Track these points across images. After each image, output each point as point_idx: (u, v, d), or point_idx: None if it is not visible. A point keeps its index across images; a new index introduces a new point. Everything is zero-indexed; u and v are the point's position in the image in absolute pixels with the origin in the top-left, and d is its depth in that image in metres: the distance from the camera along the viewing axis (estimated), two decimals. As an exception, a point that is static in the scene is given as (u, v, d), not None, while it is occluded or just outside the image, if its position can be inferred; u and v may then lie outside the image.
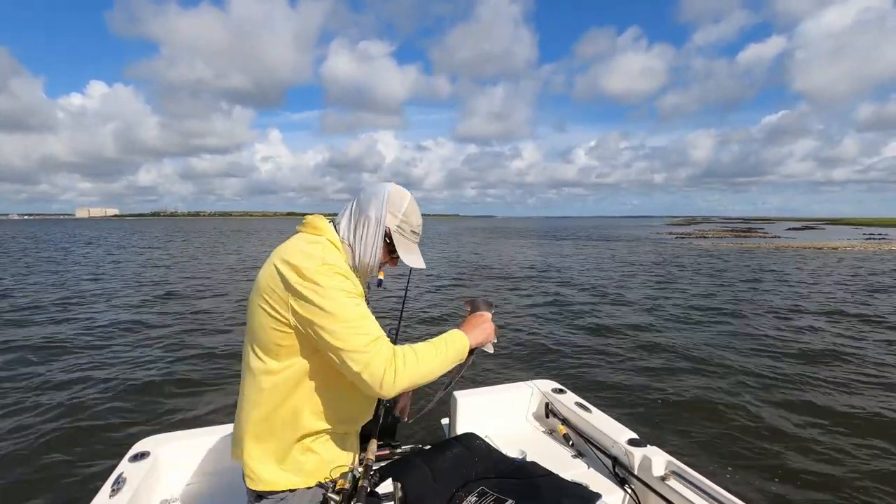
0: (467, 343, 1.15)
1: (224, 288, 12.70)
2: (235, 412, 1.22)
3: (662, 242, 34.72)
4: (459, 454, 1.40)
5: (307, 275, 1.01)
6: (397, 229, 1.17)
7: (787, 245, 30.21)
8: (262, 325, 1.07)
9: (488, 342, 1.23)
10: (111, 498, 1.53)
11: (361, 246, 1.15)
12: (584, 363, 6.05)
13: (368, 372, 0.99)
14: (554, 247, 30.50)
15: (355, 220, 1.16)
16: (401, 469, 1.33)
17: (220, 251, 26.87)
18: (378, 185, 1.20)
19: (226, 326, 8.08)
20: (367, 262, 1.17)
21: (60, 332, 7.55)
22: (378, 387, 1.00)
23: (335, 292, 1.02)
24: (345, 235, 1.16)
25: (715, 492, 1.57)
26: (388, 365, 1.00)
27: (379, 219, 1.15)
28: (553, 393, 2.40)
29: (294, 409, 1.11)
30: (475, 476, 1.32)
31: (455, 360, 1.13)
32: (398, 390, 1.02)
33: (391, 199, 1.17)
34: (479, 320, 1.23)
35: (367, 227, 1.15)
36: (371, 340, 1.01)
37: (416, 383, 1.05)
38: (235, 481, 1.87)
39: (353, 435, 1.29)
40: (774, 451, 3.77)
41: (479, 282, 13.98)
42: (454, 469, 1.33)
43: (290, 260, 1.04)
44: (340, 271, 1.05)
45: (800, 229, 67.06)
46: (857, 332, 7.68)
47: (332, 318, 1.00)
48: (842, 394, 4.96)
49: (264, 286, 1.07)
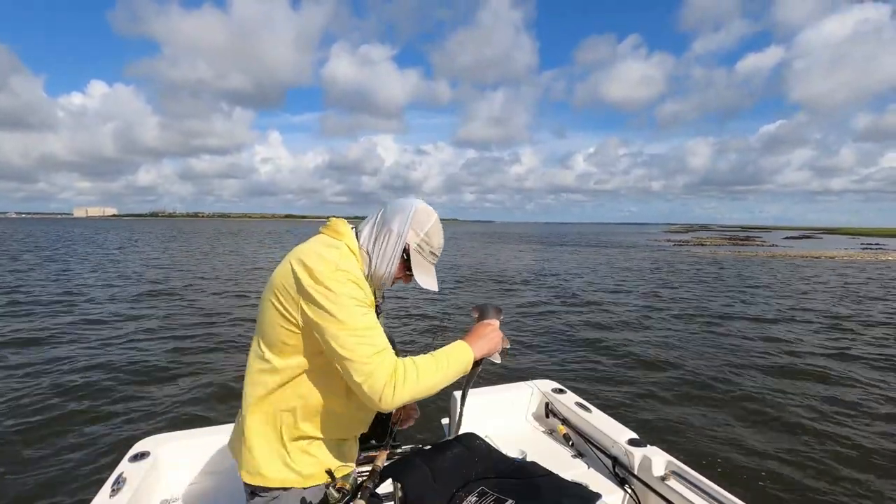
0: (472, 356, 1.14)
1: (225, 288, 12.69)
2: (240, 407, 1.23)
3: (661, 249, 34.80)
4: (459, 454, 1.40)
5: (320, 278, 1.02)
6: (417, 247, 1.16)
7: (785, 254, 30.30)
8: (272, 322, 1.08)
9: (495, 352, 1.21)
10: (111, 498, 1.53)
11: (379, 257, 1.14)
12: (585, 363, 6.08)
13: (369, 384, 0.99)
14: (553, 252, 30.54)
15: (377, 231, 1.15)
16: (401, 469, 1.32)
17: (221, 251, 26.81)
18: (406, 199, 1.19)
19: (227, 326, 8.07)
20: (382, 275, 1.15)
21: (59, 332, 7.52)
22: (377, 400, 1.00)
23: (345, 299, 1.02)
24: (365, 244, 1.15)
25: (715, 492, 1.57)
26: (388, 379, 1.00)
27: (401, 233, 1.14)
28: (553, 393, 2.40)
29: (295, 409, 1.12)
30: (475, 476, 1.32)
31: (459, 373, 1.12)
32: (397, 405, 1.01)
33: (416, 217, 1.16)
34: (486, 329, 1.21)
35: (387, 239, 1.14)
36: (375, 352, 1.01)
37: (417, 398, 1.04)
38: (236, 481, 1.87)
39: (353, 438, 1.29)
40: (775, 451, 3.79)
41: (480, 284, 13.98)
42: (454, 469, 1.33)
43: (306, 261, 1.04)
44: (353, 278, 1.05)
45: (797, 238, 67.24)
46: (860, 339, 7.69)
47: (340, 325, 1.01)
48: (843, 397, 4.97)
49: (278, 284, 1.07)
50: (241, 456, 1.16)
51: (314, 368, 1.10)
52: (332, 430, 1.17)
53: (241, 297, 11.16)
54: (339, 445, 1.21)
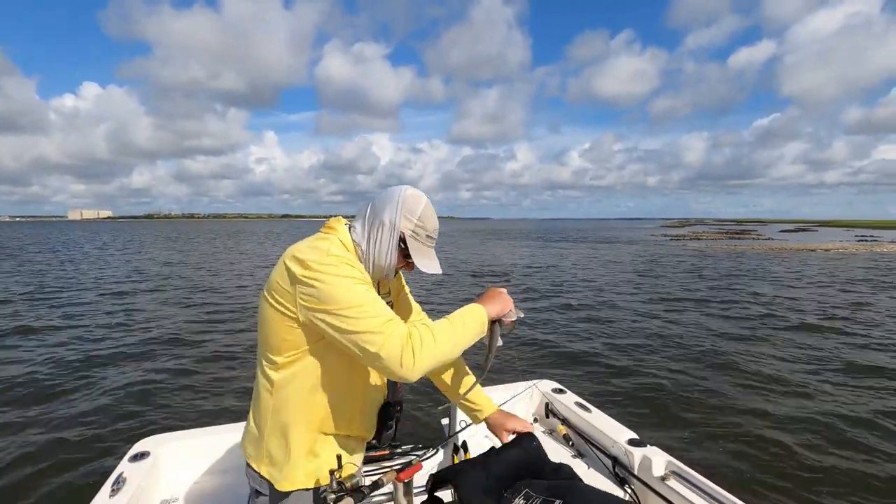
0: (484, 312, 1.13)
1: (225, 288, 12.68)
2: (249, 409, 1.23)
3: (658, 244, 34.90)
4: (515, 455, 1.40)
5: (313, 265, 1.01)
6: (412, 234, 1.14)
7: (781, 247, 30.45)
8: (270, 322, 1.08)
9: (507, 311, 1.20)
10: (111, 498, 1.53)
11: (376, 251, 1.13)
12: (584, 363, 6.07)
13: (385, 351, 0.96)
14: (551, 248, 30.59)
15: (370, 224, 1.15)
16: (456, 471, 1.33)
17: (220, 252, 26.74)
18: (394, 188, 1.18)
19: (227, 327, 8.06)
20: (383, 267, 1.15)
21: (58, 332, 7.50)
22: (398, 367, 0.97)
23: (342, 279, 1.01)
24: (359, 239, 1.15)
25: (715, 492, 1.57)
26: (405, 343, 0.97)
27: (393, 223, 1.13)
28: (553, 393, 2.40)
29: (300, 406, 1.12)
30: (523, 477, 1.33)
31: (477, 332, 1.12)
32: (421, 369, 0.98)
33: (406, 203, 1.14)
34: (494, 292, 1.22)
35: (381, 231, 1.13)
36: (385, 321, 0.99)
37: (440, 360, 1.02)
38: (236, 481, 1.87)
39: (358, 437, 1.29)
40: (776, 451, 3.78)
41: (479, 282, 14.02)
42: (508, 471, 1.34)
43: (297, 255, 1.04)
44: (346, 261, 1.05)
45: (793, 231, 67.62)
46: (864, 332, 7.70)
47: (343, 302, 0.99)
48: (846, 396, 4.95)
49: (273, 283, 1.08)
50: (249, 456, 1.17)
51: (317, 362, 1.10)
52: (338, 428, 1.17)
53: (244, 297, 11.15)
54: (344, 445, 1.21)
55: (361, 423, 1.25)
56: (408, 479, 1.35)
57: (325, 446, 1.16)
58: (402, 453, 2.04)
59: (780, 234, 57.72)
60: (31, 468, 3.50)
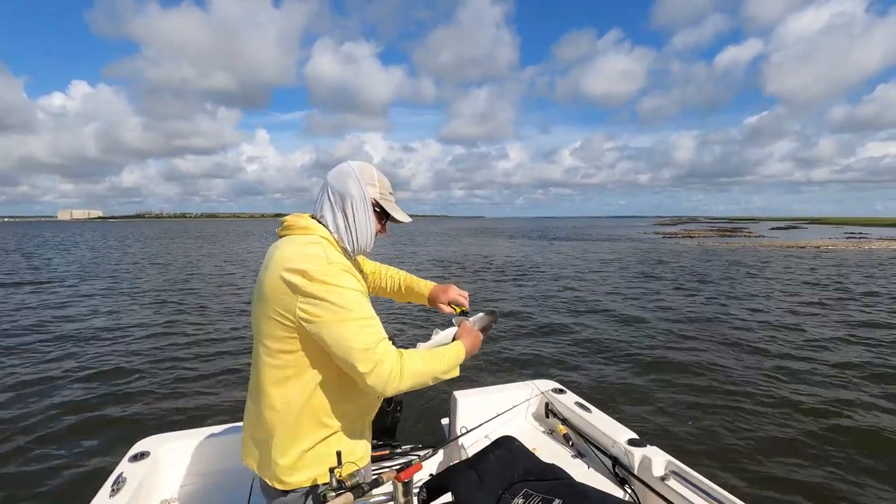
0: (464, 354, 1.24)
1: (224, 288, 12.60)
2: (244, 414, 1.23)
3: (651, 242, 35.06)
4: (501, 456, 1.44)
5: (316, 276, 1.02)
6: (381, 196, 1.21)
7: (772, 244, 30.71)
8: (266, 327, 1.09)
9: (476, 350, 1.32)
10: (111, 498, 1.53)
11: (357, 228, 1.18)
12: (584, 363, 6.06)
13: (376, 372, 1.02)
14: (546, 246, 30.63)
15: (340, 208, 1.17)
16: (448, 476, 1.37)
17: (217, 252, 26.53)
18: (340, 168, 1.21)
19: (227, 327, 8.02)
20: (367, 239, 1.21)
21: (58, 333, 7.43)
22: (383, 386, 1.04)
23: (346, 291, 1.04)
24: (335, 227, 1.18)
25: (715, 492, 1.57)
26: (394, 365, 1.04)
27: (363, 195, 1.18)
28: (553, 393, 2.41)
29: (297, 408, 1.12)
30: (518, 478, 1.36)
31: (453, 366, 1.20)
32: (402, 390, 1.07)
33: (363, 174, 1.19)
34: (473, 334, 1.31)
35: (354, 206, 1.17)
36: (379, 340, 1.04)
37: (416, 386, 1.11)
38: (235, 481, 1.86)
39: (360, 437, 1.29)
40: (776, 451, 3.78)
41: (477, 281, 13.99)
42: (498, 472, 1.37)
43: (296, 266, 1.04)
44: (346, 268, 1.07)
45: (783, 229, 68.28)
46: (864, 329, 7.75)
47: (345, 316, 1.02)
48: (845, 395, 4.93)
49: (270, 296, 1.07)
50: (249, 455, 1.18)
51: (316, 363, 1.10)
52: (337, 427, 1.18)
53: (244, 297, 11.08)
54: (346, 444, 1.21)
55: (361, 423, 1.26)
56: (408, 479, 1.36)
57: (325, 445, 1.17)
58: (402, 453, 2.04)
59: (771, 231, 58.21)
60: (31, 468, 3.49)
